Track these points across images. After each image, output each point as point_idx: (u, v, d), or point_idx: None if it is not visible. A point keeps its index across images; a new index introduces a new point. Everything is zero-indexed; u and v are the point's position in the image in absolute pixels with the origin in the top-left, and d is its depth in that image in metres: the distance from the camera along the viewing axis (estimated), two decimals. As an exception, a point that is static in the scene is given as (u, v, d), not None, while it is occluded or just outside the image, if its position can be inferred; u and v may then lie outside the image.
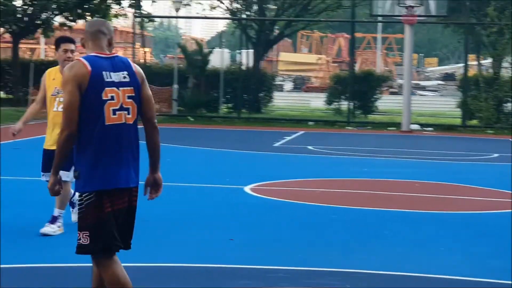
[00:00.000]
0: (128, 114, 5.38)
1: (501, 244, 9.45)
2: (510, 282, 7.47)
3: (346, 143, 23.69)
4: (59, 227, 9.04)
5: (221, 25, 76.94)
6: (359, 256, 8.63)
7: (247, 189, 13.44)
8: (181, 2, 40.31)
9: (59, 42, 9.08)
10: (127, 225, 5.57)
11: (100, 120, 5.25)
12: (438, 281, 7.62)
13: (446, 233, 10.14)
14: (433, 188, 14.44)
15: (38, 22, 35.83)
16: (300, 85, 62.50)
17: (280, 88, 54.88)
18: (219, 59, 39.16)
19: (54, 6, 34.36)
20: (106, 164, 5.31)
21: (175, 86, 35.04)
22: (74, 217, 9.03)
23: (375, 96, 37.85)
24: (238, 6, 40.50)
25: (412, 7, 29.30)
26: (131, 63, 5.50)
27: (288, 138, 25.31)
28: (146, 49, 45.87)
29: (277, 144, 22.90)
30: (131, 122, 5.41)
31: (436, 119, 36.88)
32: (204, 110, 35.34)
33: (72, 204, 9.29)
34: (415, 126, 30.84)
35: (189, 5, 41.52)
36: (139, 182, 5.63)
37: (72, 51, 8.83)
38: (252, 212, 11.45)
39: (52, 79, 9.02)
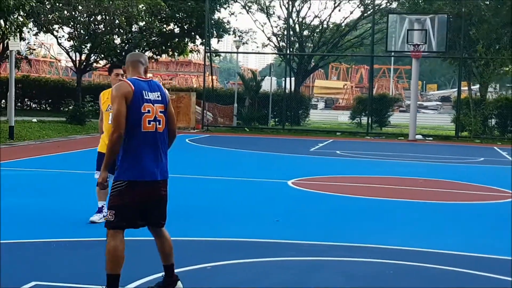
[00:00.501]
0: (159, 124, 5.41)
1: (496, 227, 9.35)
2: (509, 258, 7.31)
3: (366, 149, 23.53)
4: (104, 216, 8.35)
5: (271, 59, 76.93)
6: (378, 235, 8.53)
7: (290, 182, 13.38)
8: (240, 41, 40.50)
9: (112, 68, 8.65)
10: (156, 209, 5.49)
11: (139, 127, 5.30)
12: (445, 256, 7.46)
13: (448, 218, 10.01)
14: (434, 183, 14.27)
15: (132, 55, 36.17)
16: (330, 104, 62.46)
17: (315, 107, 54.92)
18: (268, 84, 39.22)
19: (144, 43, 34.68)
20: (141, 161, 5.32)
21: (235, 105, 35.21)
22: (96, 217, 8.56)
23: (388, 113, 37.78)
24: (284, 44, 40.59)
25: (418, 45, 29.13)
26: (162, 87, 5.54)
27: (321, 144, 25.22)
28: (214, 77, 46.05)
29: (312, 149, 22.81)
30: (161, 131, 5.44)
31: (435, 131, 36.57)
32: (257, 123, 35.41)
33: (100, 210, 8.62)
34: (419, 136, 30.56)
35: (246, 43, 41.75)
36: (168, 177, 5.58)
37: (122, 75, 8.26)
38: (294, 200, 11.40)
39: (106, 98, 8.60)
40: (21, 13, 22.12)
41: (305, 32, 41.50)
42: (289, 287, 6.00)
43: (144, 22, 33.30)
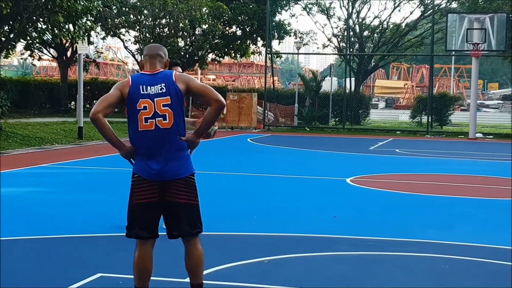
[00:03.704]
0: (164, 120, 4.70)
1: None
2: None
3: (425, 148, 23.25)
4: None
5: (331, 59, 76.65)
6: (435, 231, 8.44)
7: (348, 180, 13.35)
8: (301, 42, 40.47)
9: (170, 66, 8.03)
10: (174, 216, 4.82)
11: (136, 126, 4.76)
12: (503, 251, 7.36)
13: (506, 215, 9.81)
14: (493, 181, 14.03)
15: (196, 58, 36.55)
16: (391, 104, 61.89)
17: (375, 107, 54.47)
18: (329, 85, 39.10)
19: (207, 46, 35.01)
20: (143, 160, 4.79)
21: (296, 105, 35.21)
22: None
23: (449, 112, 37.19)
24: (344, 45, 40.41)
25: (478, 44, 28.66)
26: (173, 75, 4.76)
27: (381, 143, 25.04)
28: (275, 78, 46.21)
29: (372, 148, 22.68)
30: (168, 127, 4.71)
31: (496, 129, 35.86)
32: (317, 122, 35.36)
33: None
34: (479, 135, 30.08)
35: (307, 44, 41.67)
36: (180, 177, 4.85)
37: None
38: (352, 197, 11.39)
39: None
40: (89, 17, 22.65)
41: (365, 33, 41.22)
42: (347, 279, 6.03)
43: (207, 25, 33.67)
